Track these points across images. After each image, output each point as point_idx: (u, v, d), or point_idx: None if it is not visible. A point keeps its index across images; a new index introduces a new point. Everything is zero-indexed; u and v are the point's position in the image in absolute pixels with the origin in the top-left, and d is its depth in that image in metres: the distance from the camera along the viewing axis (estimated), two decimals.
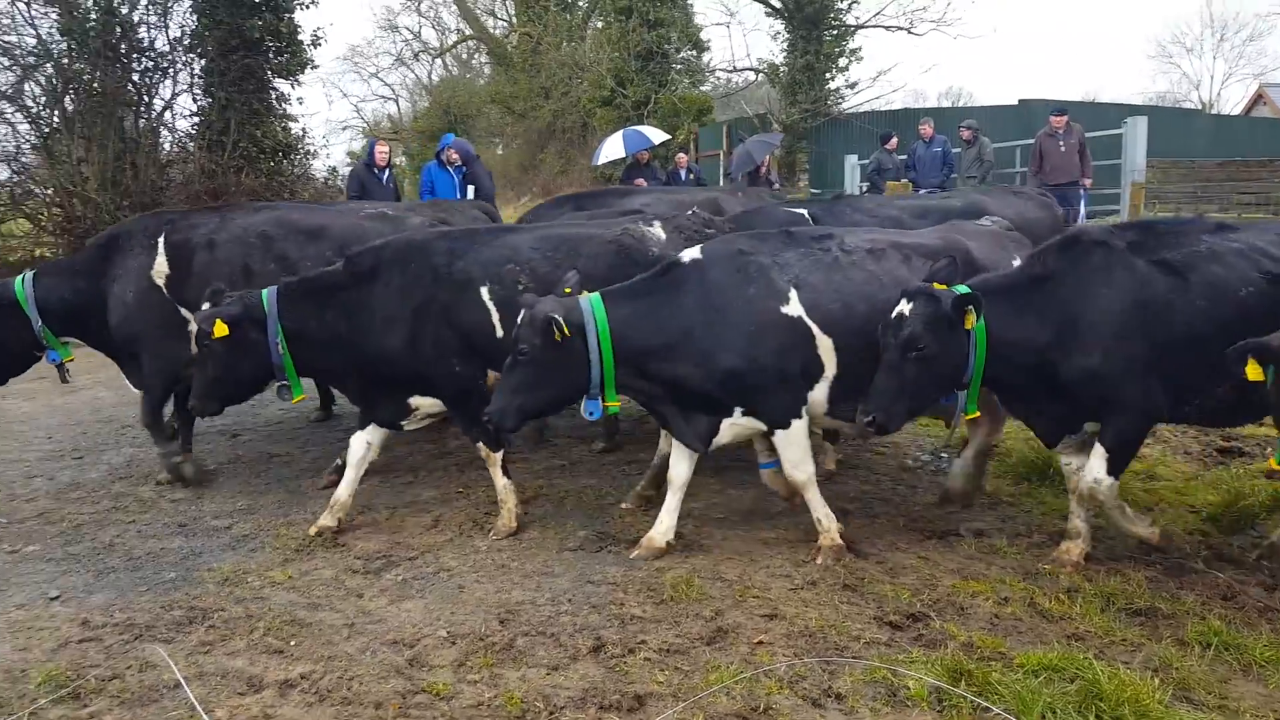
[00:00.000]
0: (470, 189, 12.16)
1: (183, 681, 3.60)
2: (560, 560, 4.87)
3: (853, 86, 27.30)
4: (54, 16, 16.30)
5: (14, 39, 16.15)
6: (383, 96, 51.35)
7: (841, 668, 3.65)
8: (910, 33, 27.46)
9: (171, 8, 17.22)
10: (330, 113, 64.51)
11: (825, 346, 4.65)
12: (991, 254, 5.15)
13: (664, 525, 4.89)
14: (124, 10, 16.53)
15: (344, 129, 47.87)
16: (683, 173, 16.74)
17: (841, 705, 3.42)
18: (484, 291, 5.17)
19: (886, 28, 27.50)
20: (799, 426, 4.76)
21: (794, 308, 4.63)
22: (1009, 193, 6.78)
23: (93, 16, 16.04)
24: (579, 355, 4.54)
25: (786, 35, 26.86)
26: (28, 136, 16.69)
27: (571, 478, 6.27)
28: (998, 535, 5.08)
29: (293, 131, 18.79)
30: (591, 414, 4.73)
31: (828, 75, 26.48)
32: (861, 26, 27.16)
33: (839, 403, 4.75)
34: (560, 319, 4.41)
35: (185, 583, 4.69)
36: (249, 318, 5.13)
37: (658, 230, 5.67)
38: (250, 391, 5.54)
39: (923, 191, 15.63)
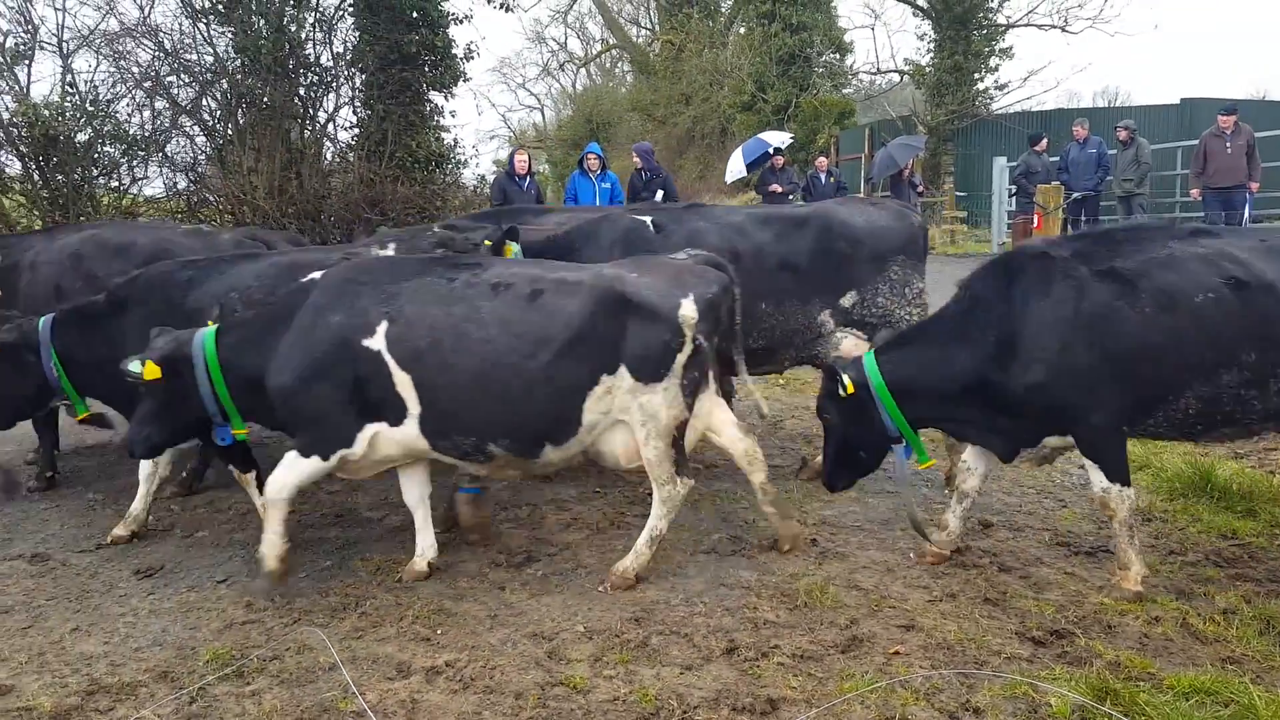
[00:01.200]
0: (660, 193, 12.41)
1: (340, 664, 3.82)
2: (694, 562, 4.91)
3: (1002, 87, 26.36)
4: (230, 35, 17.54)
5: (194, 57, 17.49)
6: (528, 106, 52.98)
7: (980, 682, 3.55)
8: (1065, 31, 26.25)
9: (336, 25, 18.27)
10: (480, 123, 66.86)
11: (404, 382, 4.41)
12: (656, 290, 4.48)
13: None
14: (292, 28, 17.62)
15: (491, 138, 49.63)
16: (823, 176, 16.53)
17: None
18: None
19: (1039, 26, 26.38)
20: (308, 462, 4.55)
21: (376, 341, 4.41)
22: (865, 202, 6.57)
23: (264, 35, 17.16)
24: (190, 384, 4.61)
25: (933, 36, 26.15)
26: (204, 148, 18.02)
27: (705, 481, 6.30)
28: (1150, 553, 4.81)
29: (445, 141, 19.56)
30: (223, 440, 4.83)
31: (976, 76, 25.63)
32: (1013, 25, 26.15)
33: (439, 439, 4.51)
34: (153, 358, 4.52)
35: (340, 570, 4.97)
36: (25, 344, 5.49)
37: (387, 254, 5.79)
38: (35, 408, 5.89)
39: (1075, 195, 14.95)
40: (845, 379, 4.52)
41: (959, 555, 4.84)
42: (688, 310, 4.35)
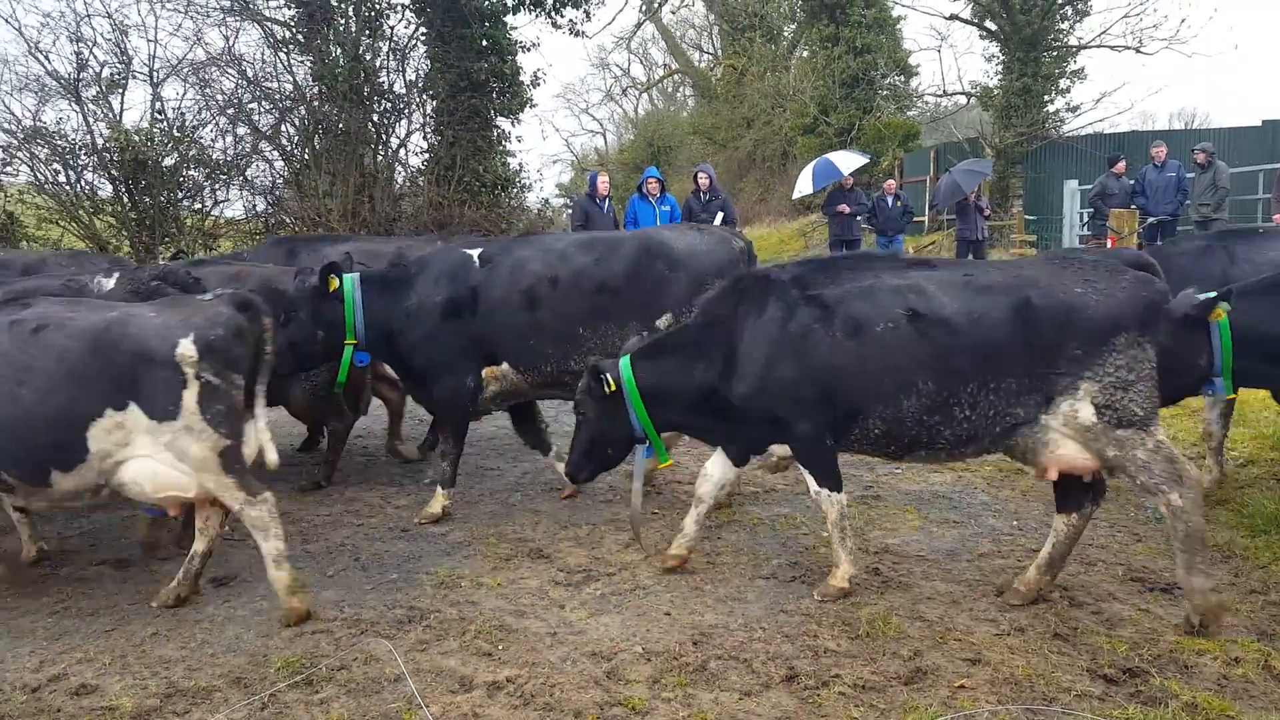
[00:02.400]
0: (719, 215, 12.52)
1: (407, 675, 3.91)
2: (753, 587, 4.91)
3: (1074, 109, 25.79)
4: (308, 64, 18.17)
5: (274, 85, 18.14)
6: (591, 130, 53.61)
7: (1050, 719, 3.48)
8: (1139, 52, 25.62)
9: (409, 54, 18.80)
10: (544, 147, 67.83)
11: None
12: (156, 331, 4.56)
13: None
14: (368, 57, 18.18)
15: (555, 162, 50.32)
16: (889, 199, 16.42)
17: None
18: None
19: (1112, 47, 25.78)
20: None
21: None
22: (690, 229, 6.67)
23: (341, 63, 17.73)
24: None
25: (1001, 58, 25.79)
26: (282, 172, 18.64)
27: (764, 505, 6.29)
28: (1230, 590, 4.67)
29: (510, 166, 19.95)
30: None
31: (1046, 98, 25.16)
32: (1085, 47, 25.62)
33: None
34: None
35: (405, 584, 5.07)
36: None
37: (106, 283, 5.86)
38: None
39: (1151, 220, 14.58)
40: (609, 378, 4.82)
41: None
42: (186, 350, 4.48)
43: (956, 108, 33.06)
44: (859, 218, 16.57)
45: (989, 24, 26.13)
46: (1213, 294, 4.84)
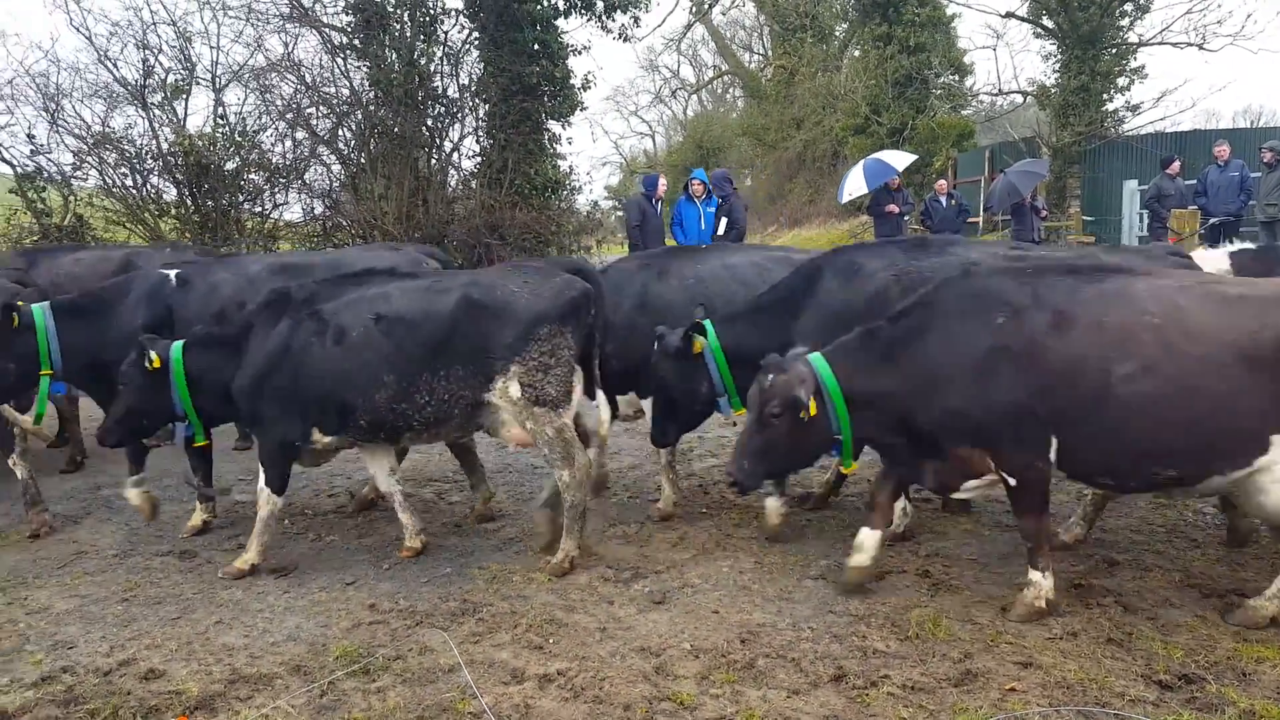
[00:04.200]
0: (724, 220, 12.47)
1: (463, 666, 4.00)
2: (801, 588, 4.92)
3: (1134, 108, 25.21)
4: (365, 69, 18.51)
5: (332, 90, 18.52)
6: (640, 133, 53.78)
7: None
8: (1202, 48, 24.98)
9: (462, 58, 19.06)
10: (593, 149, 68.22)
11: None
12: None
13: None
14: (422, 62, 18.47)
15: (604, 164, 50.54)
16: (943, 199, 16.19)
17: None
18: None
19: (1174, 44, 25.17)
20: None
21: None
22: (385, 247, 6.83)
23: (396, 68, 18.04)
24: None
25: (1059, 56, 25.32)
26: (339, 176, 19.02)
27: (814, 507, 6.28)
28: None
29: (561, 169, 20.11)
30: None
31: (1105, 96, 24.65)
32: (1145, 44, 25.05)
33: None
34: None
35: (459, 577, 5.18)
36: None
37: None
38: None
39: (1214, 220, 14.23)
40: (152, 355, 5.30)
41: (1081, 593, 4.70)
42: None
43: (1012, 107, 32.54)
44: (907, 218, 16.38)
45: (1046, 21, 25.68)
46: (684, 328, 5.47)
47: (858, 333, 4.61)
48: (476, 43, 19.02)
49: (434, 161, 19.16)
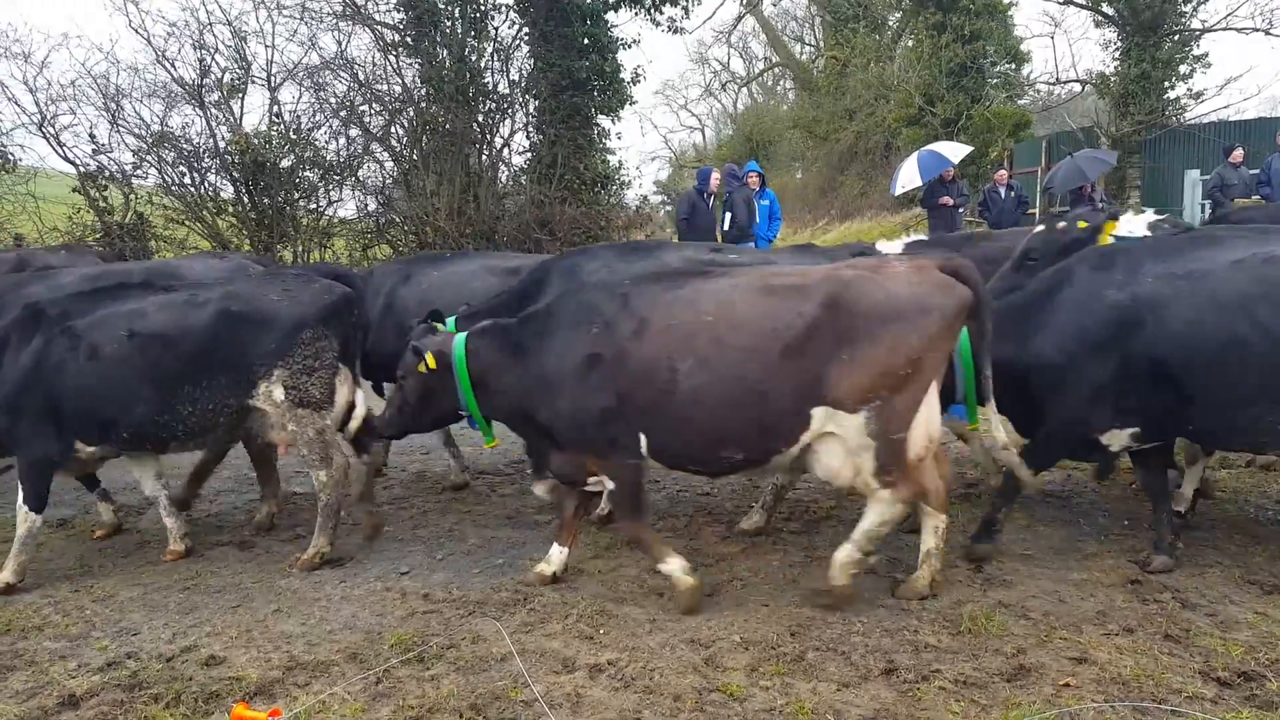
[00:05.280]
0: (727, 215, 12.30)
1: (515, 655, 4.05)
2: (852, 581, 4.88)
3: (1197, 96, 24.46)
4: (416, 66, 18.71)
5: (384, 88, 18.75)
6: (689, 127, 53.56)
7: (1158, 719, 3.39)
8: (1269, 34, 24.15)
9: (513, 54, 19.17)
10: (642, 144, 68.19)
11: None
12: None
13: None
14: (473, 58, 18.61)
15: (653, 159, 50.47)
16: (1002, 190, 15.85)
17: None
18: None
19: (1239, 30, 24.37)
20: None
21: None
22: (210, 255, 6.66)
23: (448, 65, 18.21)
24: None
25: (1119, 43, 24.68)
26: (391, 173, 19.26)
27: (863, 501, 6.23)
28: None
29: (610, 163, 20.13)
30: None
31: (1166, 84, 23.96)
32: (1208, 30, 24.28)
33: None
34: None
35: (511, 568, 5.24)
36: None
37: None
38: None
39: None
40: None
41: (1138, 589, 4.61)
42: None
43: (1070, 96, 31.79)
44: (962, 210, 16.07)
45: (1105, 8, 25.02)
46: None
47: (495, 325, 5.04)
48: (526, 38, 19.11)
49: (484, 157, 19.31)
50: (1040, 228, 6.32)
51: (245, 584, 5.17)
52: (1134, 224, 6.17)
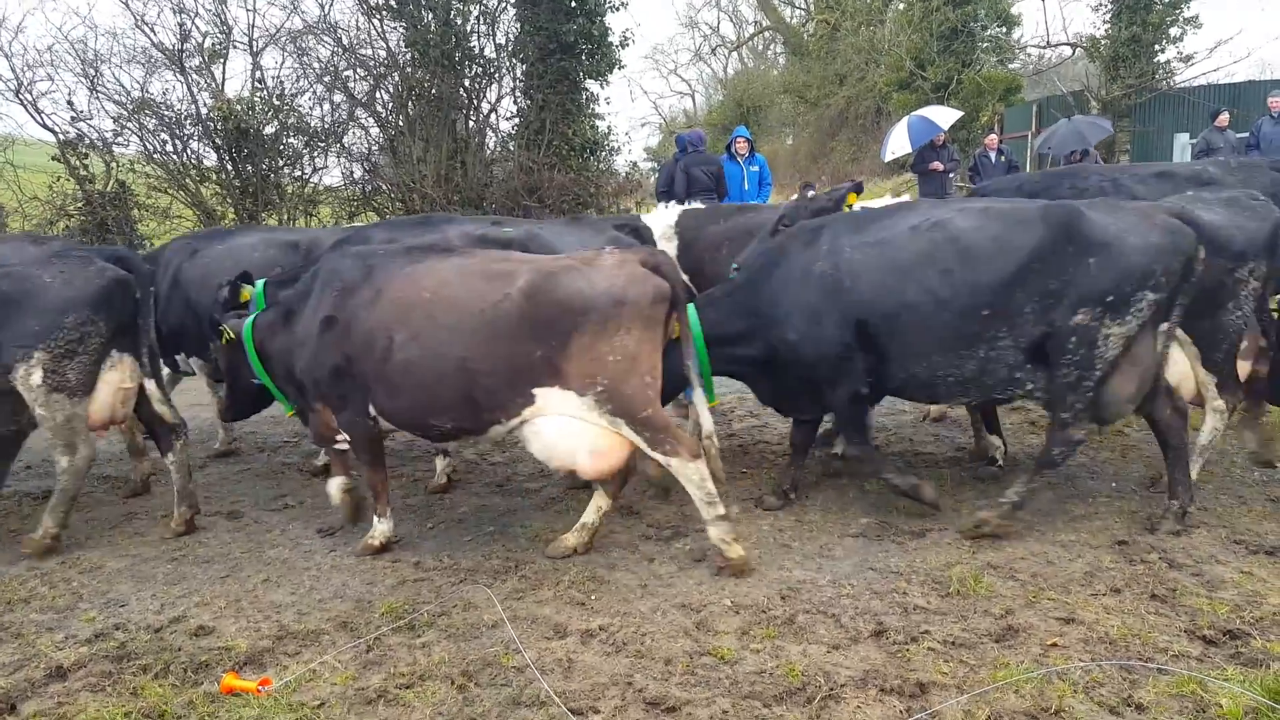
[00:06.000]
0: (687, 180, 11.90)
1: (507, 621, 4.05)
2: (841, 545, 4.91)
3: (1187, 59, 24.35)
4: (401, 30, 18.43)
5: (369, 52, 18.48)
6: (679, 92, 53.15)
7: (1145, 678, 3.42)
8: None
9: (499, 17, 18.90)
10: (632, 110, 67.72)
11: None
12: None
13: None
14: (459, 22, 18.34)
15: (643, 125, 50.09)
16: (992, 155, 15.81)
17: (1142, 716, 3.21)
18: None
19: None
20: None
21: None
22: (28, 239, 6.54)
23: (433, 28, 17.94)
24: None
25: (1109, 6, 24.50)
26: (377, 139, 19.03)
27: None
28: None
29: (600, 129, 19.94)
30: None
31: (1156, 47, 23.83)
32: None
33: None
34: None
35: (502, 536, 5.24)
36: None
37: None
38: None
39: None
40: None
41: (1125, 549, 4.64)
42: None
43: (1061, 60, 31.65)
44: (953, 174, 16.01)
45: None
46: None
47: (273, 292, 5.39)
48: (513, 1, 18.86)
49: (472, 123, 19.10)
50: (794, 197, 6.69)
51: (234, 554, 5.15)
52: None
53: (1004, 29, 29.87)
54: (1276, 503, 5.26)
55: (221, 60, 17.36)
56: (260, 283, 6.04)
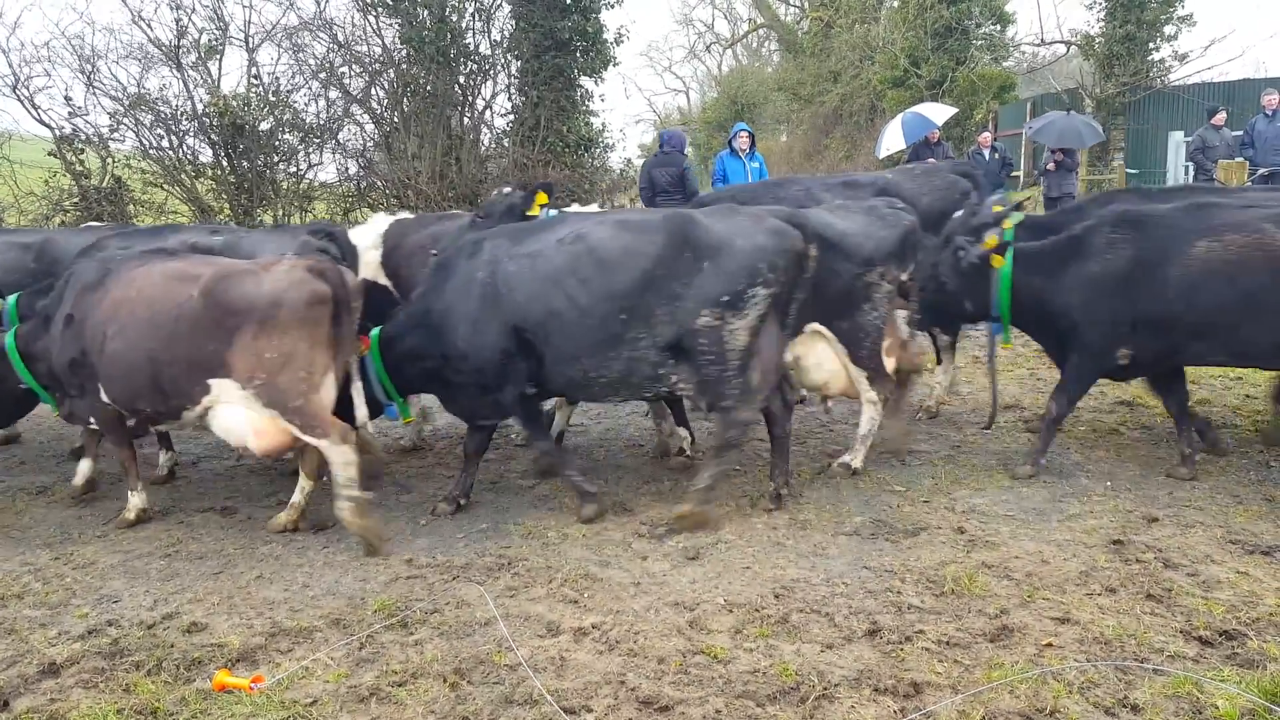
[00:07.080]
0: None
1: (499, 619, 4.04)
2: (835, 543, 4.90)
3: (1182, 57, 24.37)
4: (396, 26, 18.39)
5: (364, 49, 18.44)
6: (674, 89, 53.10)
7: (1140, 678, 3.42)
8: None
9: (494, 14, 18.87)
10: (626, 107, 67.68)
11: None
12: None
13: None
14: (454, 19, 18.30)
15: (637, 122, 50.08)
16: (986, 152, 15.80)
17: (1138, 717, 3.21)
18: None
19: None
20: None
21: None
22: None
23: (428, 25, 17.90)
24: None
25: (1104, 4, 24.51)
26: (372, 135, 19.00)
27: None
28: None
29: (594, 126, 19.91)
30: None
31: (1151, 45, 23.85)
32: None
33: None
34: None
35: (495, 533, 5.22)
36: None
37: None
38: None
39: (1263, 171, 13.78)
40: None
41: (1121, 549, 4.64)
42: None
43: (1055, 58, 31.64)
44: None
45: None
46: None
47: (30, 302, 5.95)
48: None
49: (466, 120, 19.07)
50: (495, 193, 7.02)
51: (227, 550, 5.13)
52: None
53: (998, 26, 29.87)
54: (1273, 502, 5.26)
55: (217, 56, 17.34)
56: (12, 298, 6.30)
